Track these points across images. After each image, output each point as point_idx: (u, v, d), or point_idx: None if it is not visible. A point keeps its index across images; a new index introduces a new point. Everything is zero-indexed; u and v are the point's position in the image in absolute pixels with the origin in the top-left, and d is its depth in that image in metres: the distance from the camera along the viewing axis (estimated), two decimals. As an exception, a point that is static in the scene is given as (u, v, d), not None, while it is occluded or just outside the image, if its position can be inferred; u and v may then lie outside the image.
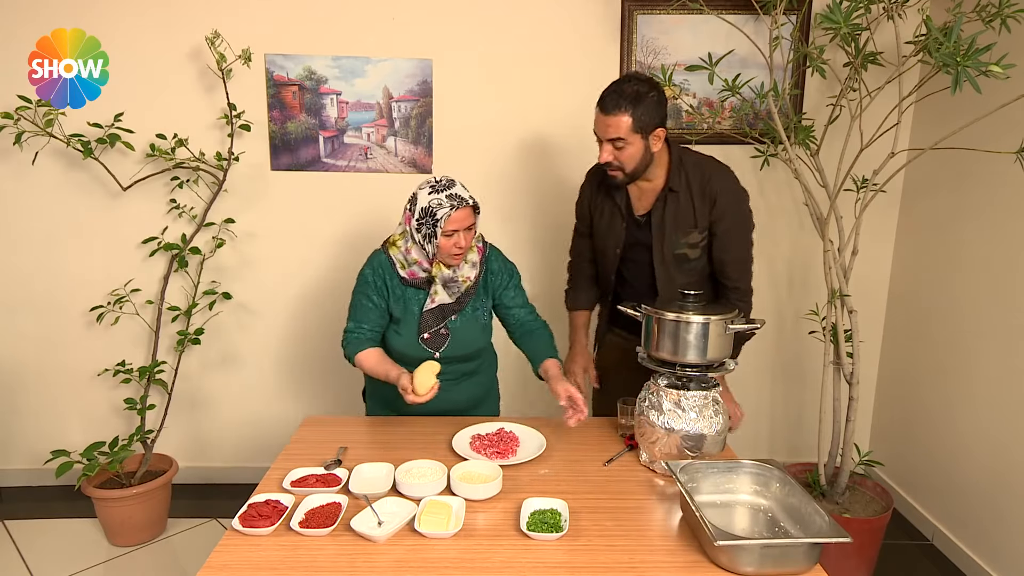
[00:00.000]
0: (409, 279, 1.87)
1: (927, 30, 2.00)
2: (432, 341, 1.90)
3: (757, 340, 2.93)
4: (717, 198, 1.89)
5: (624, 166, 1.84)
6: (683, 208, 1.91)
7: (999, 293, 2.36)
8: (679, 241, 1.93)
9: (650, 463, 1.71)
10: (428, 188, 1.79)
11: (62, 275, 2.85)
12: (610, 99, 1.78)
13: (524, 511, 1.47)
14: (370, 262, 1.92)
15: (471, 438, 1.81)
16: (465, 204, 1.77)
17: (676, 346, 1.69)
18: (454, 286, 1.87)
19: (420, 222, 1.79)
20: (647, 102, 1.77)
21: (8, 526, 2.74)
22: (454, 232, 1.77)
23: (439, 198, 1.76)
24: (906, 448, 2.88)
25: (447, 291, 1.87)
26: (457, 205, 1.75)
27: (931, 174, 2.70)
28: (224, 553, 1.36)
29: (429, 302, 1.87)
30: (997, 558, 2.39)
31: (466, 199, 1.78)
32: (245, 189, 2.80)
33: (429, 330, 1.89)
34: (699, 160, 1.93)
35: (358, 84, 2.74)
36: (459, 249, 1.79)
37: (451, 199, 1.76)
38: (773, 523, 1.47)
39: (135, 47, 2.66)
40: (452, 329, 1.91)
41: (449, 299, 1.88)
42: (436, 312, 1.88)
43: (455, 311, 1.90)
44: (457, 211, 1.75)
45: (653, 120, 1.79)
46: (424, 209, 1.77)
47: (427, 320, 1.88)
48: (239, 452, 3.08)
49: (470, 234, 1.81)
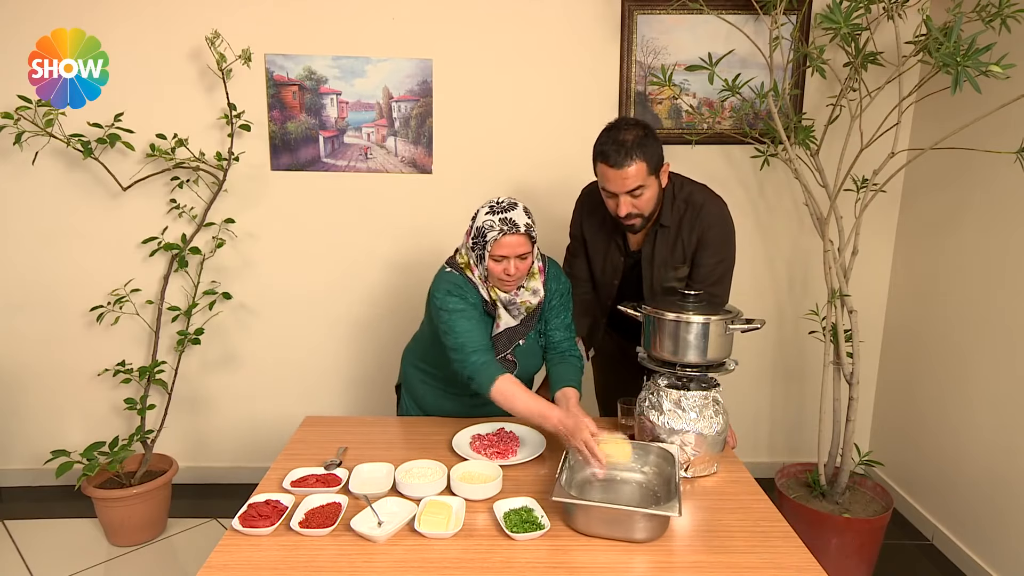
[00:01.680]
0: (484, 299, 1.78)
1: (927, 30, 2.00)
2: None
3: (757, 340, 2.95)
4: (704, 233, 1.88)
5: (643, 211, 1.82)
6: (672, 243, 1.91)
7: (999, 293, 2.35)
8: (668, 275, 1.93)
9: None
10: (487, 207, 1.72)
11: (62, 275, 2.84)
12: (616, 153, 1.72)
13: (498, 512, 1.46)
14: (445, 281, 1.77)
15: (471, 438, 1.81)
16: (517, 231, 1.67)
17: (676, 346, 1.69)
18: (515, 309, 1.78)
19: (474, 241, 1.72)
20: (650, 143, 1.75)
21: (8, 526, 2.74)
22: (503, 258, 1.68)
23: (492, 220, 1.68)
24: (906, 448, 2.88)
25: (510, 313, 1.78)
26: (508, 230, 1.66)
27: (931, 174, 2.70)
28: (224, 553, 1.35)
29: (495, 327, 1.78)
30: (997, 558, 2.39)
31: (519, 225, 1.67)
32: (245, 189, 2.80)
33: (497, 356, 1.79)
34: (692, 192, 1.91)
35: (358, 84, 2.74)
36: (508, 276, 1.70)
37: (504, 223, 1.67)
38: (656, 498, 1.54)
39: (135, 47, 2.66)
40: (518, 355, 1.84)
41: (514, 321, 1.79)
42: (503, 337, 1.80)
43: (522, 335, 1.83)
44: (507, 236, 1.66)
45: (659, 158, 1.79)
46: (478, 228, 1.71)
47: (495, 346, 1.79)
48: (239, 452, 3.08)
49: (524, 263, 1.71)
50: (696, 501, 1.57)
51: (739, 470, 1.72)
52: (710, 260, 1.89)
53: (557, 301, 1.88)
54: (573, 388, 1.79)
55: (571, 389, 1.78)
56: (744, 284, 2.72)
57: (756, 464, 2.89)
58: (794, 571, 1.32)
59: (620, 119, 1.82)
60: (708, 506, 1.55)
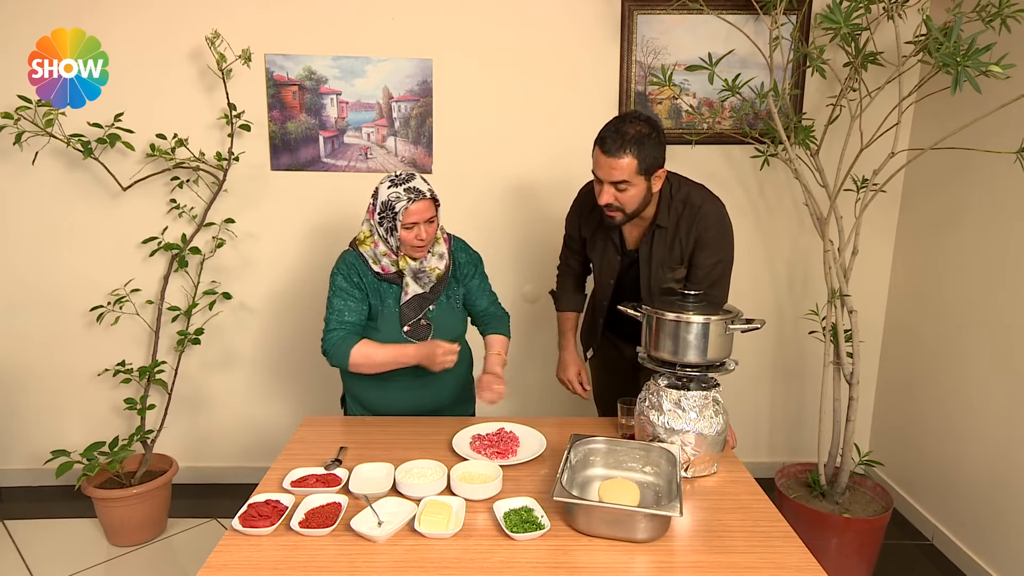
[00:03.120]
0: (383, 274, 1.90)
1: (927, 30, 2.00)
2: (414, 333, 1.93)
3: (757, 340, 2.95)
4: (701, 234, 1.87)
5: (624, 207, 1.82)
6: (669, 244, 1.90)
7: (999, 293, 2.35)
8: (665, 276, 1.93)
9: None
10: (388, 182, 1.84)
11: (62, 275, 2.85)
12: (612, 141, 1.73)
13: (498, 512, 1.46)
14: (341, 261, 1.93)
15: (471, 438, 1.81)
16: (423, 197, 1.79)
17: (676, 346, 1.69)
18: (424, 277, 1.90)
19: (381, 215, 1.83)
20: (650, 144, 1.74)
21: (8, 526, 2.74)
22: (414, 224, 1.80)
23: (397, 192, 1.80)
24: (906, 448, 2.88)
25: (418, 283, 1.90)
26: (415, 198, 1.78)
27: (931, 174, 2.70)
28: (224, 553, 1.35)
29: (404, 295, 1.90)
30: (997, 558, 2.39)
31: (424, 192, 1.80)
32: (245, 189, 2.80)
33: (409, 322, 1.92)
34: (689, 193, 1.90)
35: (358, 84, 2.74)
36: (420, 241, 1.82)
37: (409, 192, 1.79)
38: (657, 498, 1.56)
39: (135, 47, 2.66)
40: (433, 318, 1.94)
41: (421, 289, 1.91)
42: (413, 304, 1.92)
43: (432, 301, 1.94)
44: (415, 203, 1.78)
45: (656, 161, 1.77)
46: (384, 203, 1.81)
47: (406, 313, 1.91)
48: (239, 452, 3.08)
49: (432, 227, 1.83)
50: (696, 501, 1.57)
51: (739, 470, 1.72)
52: (708, 260, 1.89)
53: (472, 270, 2.03)
54: (498, 335, 2.06)
55: (494, 336, 2.05)
56: (744, 284, 2.73)
57: (756, 464, 2.89)
58: (794, 571, 1.32)
59: (634, 111, 1.83)
60: (708, 506, 1.55)
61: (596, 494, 1.53)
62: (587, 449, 1.65)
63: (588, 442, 1.65)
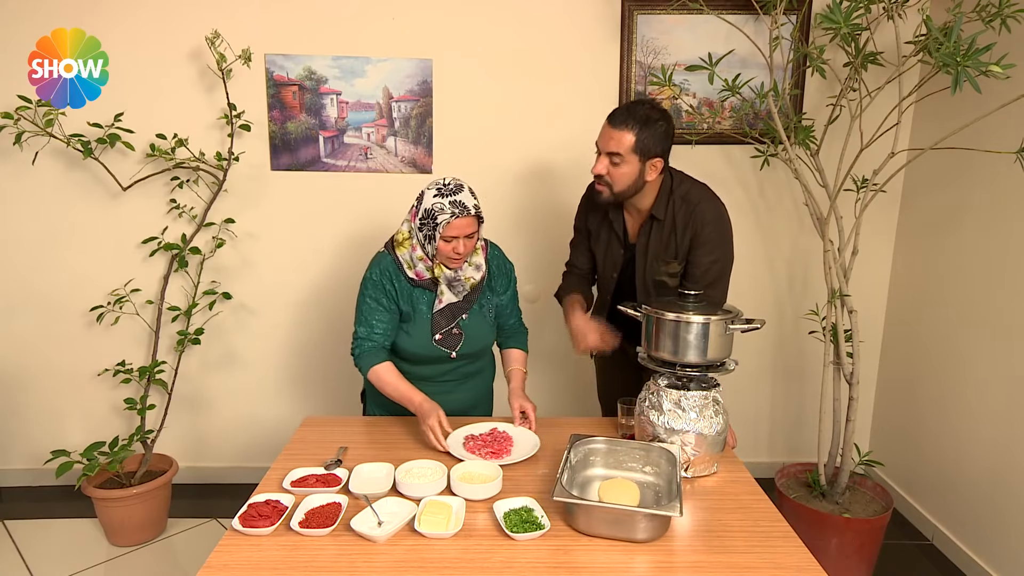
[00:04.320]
0: (417, 279, 1.85)
1: (927, 30, 2.00)
2: (445, 341, 1.90)
3: (757, 340, 2.95)
4: (698, 232, 1.88)
5: (613, 184, 1.84)
6: (665, 237, 1.91)
7: (999, 293, 2.35)
8: (659, 269, 1.93)
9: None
10: (435, 190, 1.77)
11: (62, 275, 2.84)
12: (620, 114, 1.81)
13: (498, 512, 1.46)
14: (376, 265, 1.89)
15: (464, 439, 1.81)
16: (467, 214, 1.74)
17: (676, 346, 1.69)
18: (459, 285, 1.86)
19: (422, 222, 1.78)
20: (655, 128, 1.78)
21: (8, 526, 2.74)
22: (453, 239, 1.76)
23: (442, 203, 1.74)
24: (906, 448, 2.88)
25: (452, 291, 1.86)
26: (459, 213, 1.73)
27: (931, 174, 2.70)
28: (224, 553, 1.35)
29: (437, 303, 1.87)
30: (997, 558, 2.39)
31: (469, 208, 1.75)
32: (245, 189, 2.80)
33: (441, 331, 1.88)
34: (689, 190, 1.91)
35: (358, 84, 2.74)
36: (457, 255, 1.78)
37: (454, 206, 1.73)
38: (657, 498, 1.56)
39: (135, 47, 2.66)
40: (464, 327, 1.91)
41: (456, 298, 1.87)
42: (446, 312, 1.88)
43: (465, 310, 1.90)
44: (458, 219, 1.73)
45: (655, 147, 1.80)
46: (427, 211, 1.76)
47: (438, 321, 1.88)
48: (239, 452, 3.08)
49: (471, 241, 1.79)
50: (696, 501, 1.57)
51: (739, 470, 1.72)
52: (705, 259, 1.89)
53: (505, 284, 2.00)
54: (519, 350, 2.04)
55: (515, 351, 2.04)
56: (744, 284, 2.73)
57: (756, 464, 2.89)
58: (794, 571, 1.32)
59: (652, 99, 1.86)
60: (708, 506, 1.55)
61: (596, 494, 1.53)
62: (587, 449, 1.65)
63: (588, 442, 1.65)
